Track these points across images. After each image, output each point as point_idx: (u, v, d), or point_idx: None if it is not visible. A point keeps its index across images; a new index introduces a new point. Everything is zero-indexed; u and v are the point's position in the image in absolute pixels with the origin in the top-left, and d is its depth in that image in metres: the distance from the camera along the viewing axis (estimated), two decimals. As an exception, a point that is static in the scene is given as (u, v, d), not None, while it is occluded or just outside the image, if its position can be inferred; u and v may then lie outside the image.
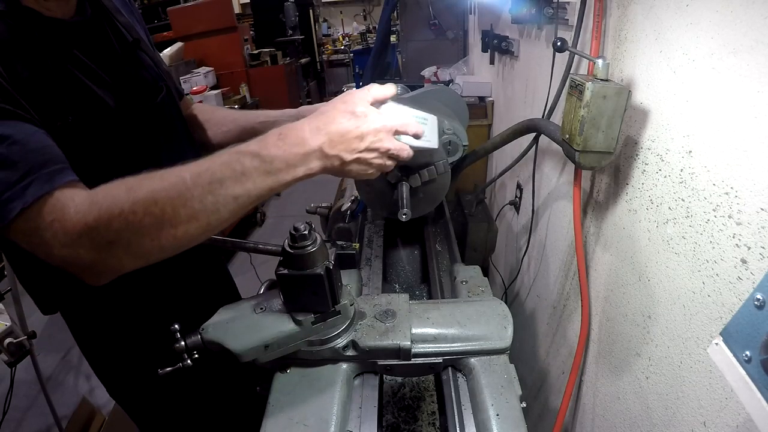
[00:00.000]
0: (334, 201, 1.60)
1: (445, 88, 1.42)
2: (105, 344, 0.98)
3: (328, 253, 0.70)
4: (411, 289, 1.28)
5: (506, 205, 1.96)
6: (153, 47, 0.97)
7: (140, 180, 0.58)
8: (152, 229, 0.57)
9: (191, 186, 0.57)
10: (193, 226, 0.59)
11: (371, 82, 0.76)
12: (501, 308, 0.81)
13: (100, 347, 0.99)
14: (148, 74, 0.87)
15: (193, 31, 4.67)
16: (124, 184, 0.58)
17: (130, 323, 0.96)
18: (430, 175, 1.09)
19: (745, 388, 0.51)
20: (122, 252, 0.58)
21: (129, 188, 0.57)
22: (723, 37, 0.60)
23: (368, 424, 0.72)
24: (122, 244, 0.57)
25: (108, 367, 1.03)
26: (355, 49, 7.16)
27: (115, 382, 1.06)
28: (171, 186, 0.57)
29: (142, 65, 0.86)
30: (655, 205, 0.79)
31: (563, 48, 0.90)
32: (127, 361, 0.99)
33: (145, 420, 1.14)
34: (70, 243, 0.56)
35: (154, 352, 0.81)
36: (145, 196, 0.56)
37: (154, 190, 0.57)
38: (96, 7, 0.80)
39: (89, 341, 0.98)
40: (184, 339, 0.70)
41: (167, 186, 0.57)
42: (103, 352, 1.00)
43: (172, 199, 0.57)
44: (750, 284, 0.57)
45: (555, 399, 1.38)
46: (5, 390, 1.72)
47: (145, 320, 0.95)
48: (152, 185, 0.57)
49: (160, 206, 0.56)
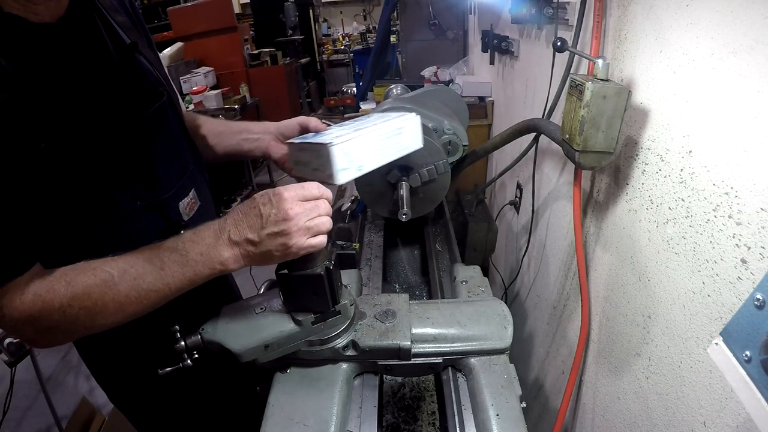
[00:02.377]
0: (334, 201, 1.60)
1: (445, 88, 1.42)
2: (103, 346, 0.97)
3: (328, 253, 0.70)
4: (411, 289, 1.28)
5: (506, 205, 1.96)
6: (154, 49, 0.93)
7: (76, 273, 0.64)
8: (85, 320, 0.65)
9: (118, 282, 0.64)
10: (119, 316, 0.66)
11: (371, 82, 0.76)
12: (501, 308, 0.81)
13: (98, 350, 0.98)
14: (146, 79, 0.83)
15: (193, 31, 4.67)
16: (64, 278, 0.64)
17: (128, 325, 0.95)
18: (430, 175, 1.09)
19: (745, 388, 0.51)
20: (60, 335, 0.67)
21: (67, 283, 0.63)
22: (723, 37, 0.60)
23: (368, 424, 0.72)
24: (60, 330, 0.65)
25: (107, 369, 1.02)
26: (355, 49, 7.16)
27: (113, 385, 1.05)
28: (102, 282, 0.63)
29: (140, 70, 0.82)
30: (655, 205, 0.79)
31: (563, 48, 0.90)
32: (125, 364, 0.99)
33: (144, 422, 1.14)
34: (13, 326, 0.63)
35: (153, 354, 0.81)
36: (79, 292, 0.63)
37: (88, 285, 0.63)
38: (88, 7, 0.74)
39: (87, 343, 0.98)
40: (184, 339, 0.70)
41: (98, 282, 0.63)
42: (101, 354, 0.99)
43: (103, 295, 0.63)
44: (750, 284, 0.57)
45: (555, 399, 1.38)
46: (5, 390, 1.72)
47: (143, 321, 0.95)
48: (86, 281, 0.63)
49: (93, 300, 0.63)
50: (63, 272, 0.64)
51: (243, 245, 0.65)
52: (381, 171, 1.08)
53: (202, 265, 0.65)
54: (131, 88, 0.79)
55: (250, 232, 0.64)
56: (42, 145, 0.62)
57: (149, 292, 0.65)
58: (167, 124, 0.86)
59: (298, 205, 0.64)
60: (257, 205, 0.64)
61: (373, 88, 3.03)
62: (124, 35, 0.80)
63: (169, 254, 0.65)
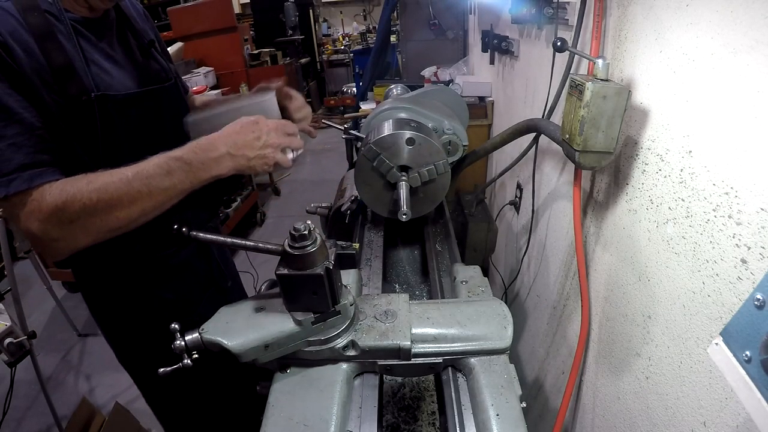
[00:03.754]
0: (334, 201, 1.60)
1: (445, 88, 1.42)
2: (114, 302, 1.06)
3: (328, 253, 0.70)
4: (411, 289, 1.28)
5: (506, 205, 1.96)
6: (165, 50, 1.13)
7: (97, 175, 0.76)
8: (102, 212, 0.76)
9: (132, 180, 0.77)
10: (133, 209, 0.78)
11: (371, 82, 0.80)
12: (501, 308, 0.81)
13: (109, 306, 1.07)
14: (161, 67, 1.04)
15: (193, 31, 4.66)
16: (86, 178, 0.76)
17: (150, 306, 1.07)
18: (430, 175, 1.09)
19: (745, 388, 0.51)
20: (79, 230, 0.76)
21: (89, 181, 0.76)
22: (723, 37, 0.60)
23: (368, 424, 0.72)
24: (80, 223, 0.75)
25: (117, 328, 1.11)
26: (355, 49, 7.15)
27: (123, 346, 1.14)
28: (118, 180, 0.76)
29: (156, 61, 1.03)
30: (655, 205, 0.79)
31: (563, 48, 0.90)
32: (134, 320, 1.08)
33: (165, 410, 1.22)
34: (43, 219, 0.74)
35: (152, 353, 0.82)
36: (99, 186, 0.75)
37: (106, 182, 0.76)
38: (119, 14, 0.98)
39: (99, 301, 1.08)
40: (183, 338, 0.70)
41: (115, 180, 0.76)
42: (111, 310, 1.08)
43: (119, 189, 0.76)
44: (750, 284, 0.57)
45: (555, 399, 1.38)
46: (5, 390, 1.72)
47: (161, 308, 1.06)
48: (105, 179, 0.76)
49: (110, 193, 0.75)
50: (85, 175, 0.77)
51: (238, 159, 0.83)
52: (381, 170, 1.08)
53: (203, 172, 0.81)
54: (153, 70, 1.01)
55: (249, 151, 0.83)
56: (83, 98, 0.81)
57: (158, 189, 0.78)
58: (178, 103, 1.05)
59: (282, 138, 0.88)
60: (257, 131, 0.84)
61: (373, 88, 3.03)
62: (143, 36, 1.01)
63: (175, 162, 0.79)
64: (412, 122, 1.13)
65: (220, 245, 1.03)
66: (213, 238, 0.80)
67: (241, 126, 0.85)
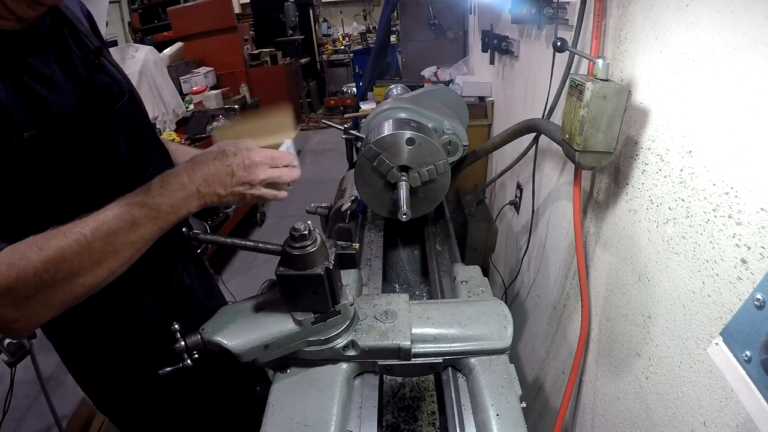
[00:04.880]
0: (334, 201, 1.60)
1: (445, 88, 1.42)
2: (89, 357, 0.96)
3: (328, 253, 0.70)
4: (411, 289, 1.28)
5: (506, 205, 1.96)
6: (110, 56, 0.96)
7: (46, 238, 0.63)
8: (63, 283, 0.64)
9: (91, 239, 0.64)
10: (98, 272, 0.67)
11: (371, 82, 0.78)
12: (501, 308, 0.81)
13: (83, 355, 0.97)
14: (112, 79, 0.87)
15: (193, 31, 4.67)
16: (34, 243, 0.63)
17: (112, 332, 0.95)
18: (429, 175, 1.09)
19: (745, 388, 0.51)
20: (39, 306, 0.65)
21: (39, 247, 0.62)
22: (723, 37, 0.60)
23: (368, 424, 0.72)
24: (38, 299, 0.64)
25: (94, 380, 1.01)
26: (355, 49, 7.15)
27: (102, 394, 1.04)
28: (74, 242, 0.64)
29: (105, 71, 0.86)
30: (655, 205, 0.79)
31: (563, 48, 0.90)
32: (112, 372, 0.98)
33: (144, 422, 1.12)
34: None
35: (151, 353, 0.81)
36: (53, 253, 0.62)
37: (60, 247, 0.63)
38: (56, 17, 0.78)
39: (73, 356, 0.97)
40: (184, 339, 0.70)
41: (71, 242, 0.63)
42: (87, 365, 0.98)
43: (77, 253, 0.63)
44: (750, 284, 0.57)
45: (555, 399, 1.38)
46: (5, 390, 1.72)
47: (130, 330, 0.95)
48: (58, 243, 0.63)
49: (68, 260, 0.63)
50: (33, 239, 0.63)
51: (209, 197, 0.73)
52: (381, 170, 1.08)
53: (172, 215, 0.71)
54: (98, 86, 0.83)
55: (220, 188, 0.73)
56: (14, 141, 0.66)
57: (124, 245, 0.67)
58: (134, 121, 0.90)
59: (268, 172, 0.75)
60: (231, 165, 0.73)
61: (373, 88, 3.02)
62: (89, 42, 0.84)
63: (139, 209, 0.68)
64: (412, 122, 1.13)
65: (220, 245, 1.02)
66: (213, 238, 0.80)
67: (214, 157, 0.73)
